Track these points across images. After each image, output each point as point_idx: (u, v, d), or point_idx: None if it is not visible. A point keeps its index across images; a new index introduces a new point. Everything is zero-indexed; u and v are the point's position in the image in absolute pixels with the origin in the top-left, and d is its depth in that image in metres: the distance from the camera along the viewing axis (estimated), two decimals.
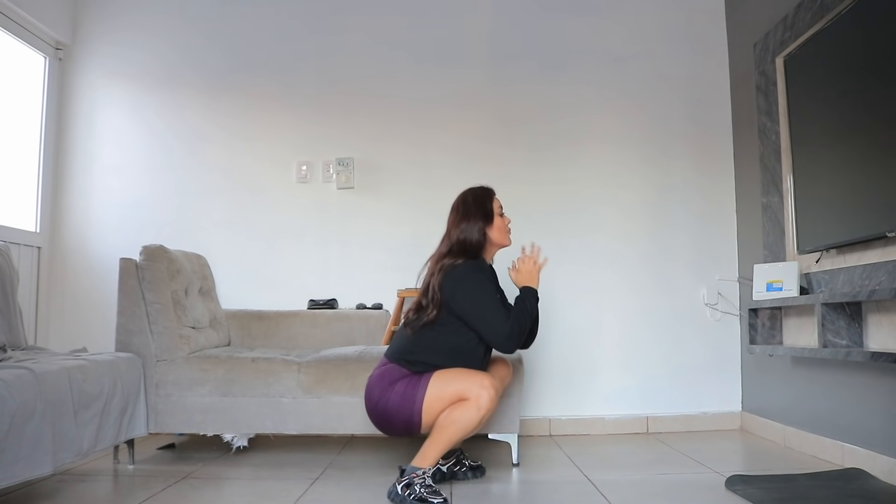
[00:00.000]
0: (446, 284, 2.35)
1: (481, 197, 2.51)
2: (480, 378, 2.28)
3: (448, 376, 2.31)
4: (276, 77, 3.84)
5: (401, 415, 2.31)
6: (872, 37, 2.42)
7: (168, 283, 2.94)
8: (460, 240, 2.43)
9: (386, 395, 2.33)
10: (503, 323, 2.32)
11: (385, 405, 2.33)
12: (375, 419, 2.41)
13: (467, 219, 2.46)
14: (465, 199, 2.52)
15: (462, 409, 2.26)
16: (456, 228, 2.46)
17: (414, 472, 2.27)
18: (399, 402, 2.31)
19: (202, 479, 2.60)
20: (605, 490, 2.40)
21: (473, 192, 2.54)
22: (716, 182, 3.70)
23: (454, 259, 2.39)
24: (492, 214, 2.48)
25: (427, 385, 2.30)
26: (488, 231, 2.46)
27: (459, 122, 3.77)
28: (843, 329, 2.52)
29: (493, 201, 2.51)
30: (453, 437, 2.28)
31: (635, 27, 3.79)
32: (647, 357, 3.61)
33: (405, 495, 2.22)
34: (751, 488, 2.30)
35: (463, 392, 2.26)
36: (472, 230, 2.44)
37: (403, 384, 2.32)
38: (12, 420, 1.98)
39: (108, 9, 3.92)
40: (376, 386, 2.37)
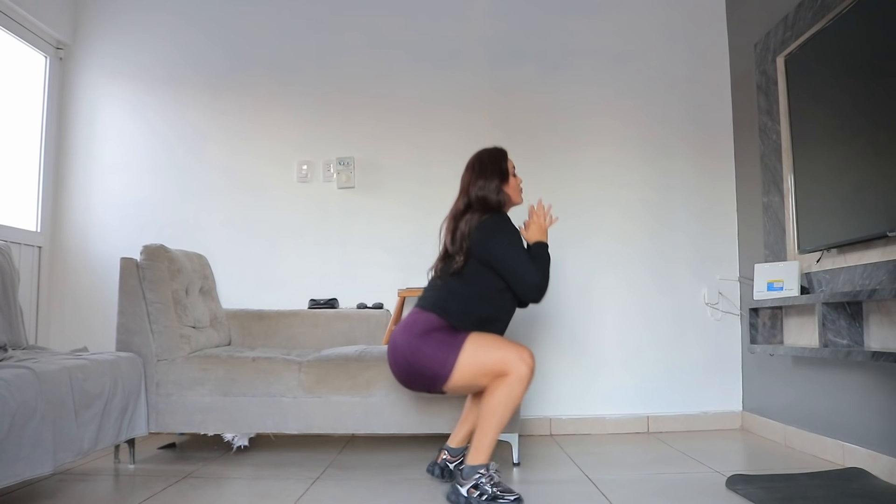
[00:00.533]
0: (479, 234, 2.35)
1: (496, 156, 2.54)
2: (519, 350, 2.26)
3: (487, 341, 2.29)
4: (276, 77, 3.84)
5: (432, 364, 2.26)
6: (873, 36, 2.42)
7: (169, 283, 2.95)
8: (479, 197, 2.45)
9: (419, 343, 2.29)
10: (534, 274, 2.35)
11: (416, 352, 2.29)
12: (400, 366, 2.36)
13: (484, 177, 2.47)
14: (481, 158, 2.54)
15: (504, 387, 2.22)
16: (473, 186, 2.47)
17: (477, 472, 2.21)
18: (433, 353, 2.26)
19: (203, 479, 2.60)
20: (605, 489, 2.40)
21: (488, 151, 2.56)
22: (716, 182, 3.70)
23: (478, 214, 2.40)
24: (507, 173, 2.51)
25: (463, 344, 2.26)
26: (505, 189, 2.48)
27: (460, 121, 3.77)
28: (843, 329, 2.51)
29: (507, 161, 2.54)
30: (503, 419, 2.23)
31: (635, 27, 3.79)
32: (648, 356, 3.61)
33: (475, 497, 2.18)
34: (751, 488, 2.29)
35: (501, 362, 2.23)
36: (490, 188, 2.45)
37: (440, 335, 2.29)
38: (13, 419, 1.98)
39: (108, 8, 3.92)
40: (407, 332, 2.33)
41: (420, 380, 2.34)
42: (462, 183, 2.53)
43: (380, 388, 2.81)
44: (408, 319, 2.39)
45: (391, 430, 2.83)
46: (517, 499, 2.19)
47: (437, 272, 2.47)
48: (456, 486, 2.24)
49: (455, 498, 2.22)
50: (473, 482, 2.21)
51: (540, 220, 2.53)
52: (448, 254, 2.43)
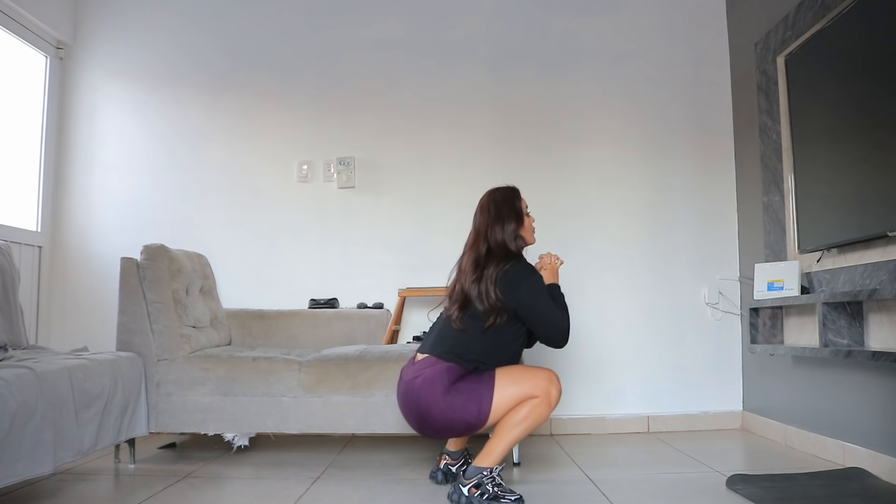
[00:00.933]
0: (508, 289, 2.30)
1: (510, 197, 2.49)
2: (547, 374, 2.26)
3: (514, 374, 2.27)
4: (277, 76, 3.84)
5: (464, 415, 2.22)
6: (873, 36, 2.42)
7: (169, 283, 2.95)
8: (499, 242, 2.41)
9: (449, 400, 2.22)
10: (562, 320, 2.33)
11: (445, 407, 2.22)
12: (425, 421, 2.29)
13: (500, 221, 2.43)
14: (495, 200, 2.48)
15: (532, 406, 2.21)
16: (491, 230, 2.42)
17: (481, 472, 2.22)
18: (464, 404, 2.21)
19: (203, 479, 2.60)
20: (605, 489, 2.40)
21: (501, 192, 2.51)
22: (717, 181, 3.70)
23: (500, 262, 2.35)
24: (522, 214, 2.48)
25: (493, 385, 2.23)
26: (521, 233, 2.46)
27: (460, 121, 3.77)
28: (844, 328, 2.51)
29: (521, 201, 2.51)
30: (522, 435, 2.24)
31: (635, 27, 3.79)
32: (648, 356, 3.61)
33: (475, 496, 2.19)
34: (752, 487, 2.29)
35: (533, 388, 2.22)
36: (508, 233, 2.42)
37: (466, 383, 2.24)
38: (13, 419, 1.98)
39: (109, 8, 3.92)
40: (431, 387, 2.24)
41: (456, 431, 2.30)
42: (477, 223, 2.47)
43: (380, 388, 2.81)
44: (427, 373, 2.28)
45: (391, 430, 2.82)
46: (518, 499, 2.20)
47: (455, 318, 2.35)
48: (458, 486, 2.24)
49: (457, 497, 2.22)
50: (476, 481, 2.21)
51: (552, 263, 2.52)
52: (468, 300, 2.35)
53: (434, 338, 2.40)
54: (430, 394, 2.24)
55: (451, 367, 2.27)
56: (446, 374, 2.25)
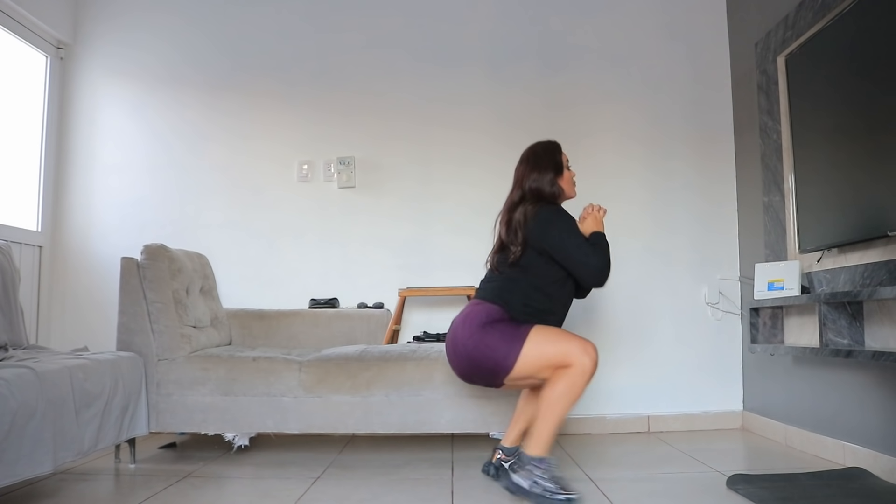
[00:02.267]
0: (535, 223, 2.33)
1: (550, 149, 2.54)
2: (583, 343, 2.24)
3: (551, 333, 2.28)
4: (277, 76, 3.84)
5: (495, 356, 2.24)
6: (873, 36, 2.42)
7: (169, 283, 2.95)
8: (533, 189, 2.45)
9: (481, 334, 2.27)
10: (595, 258, 2.33)
11: (478, 344, 2.27)
12: (461, 358, 2.34)
13: (538, 169, 2.47)
14: (536, 151, 2.54)
15: (566, 378, 2.20)
16: (527, 178, 2.47)
17: (533, 463, 2.21)
18: (495, 344, 2.24)
19: (203, 479, 2.60)
20: (606, 489, 2.40)
21: (542, 144, 2.56)
22: (717, 181, 3.70)
23: (531, 204, 2.39)
24: (561, 166, 2.51)
25: (527, 336, 2.24)
26: (559, 182, 2.48)
27: (460, 121, 3.77)
28: (844, 328, 2.51)
29: (561, 154, 2.54)
30: (564, 411, 2.23)
31: (636, 27, 3.79)
32: (649, 356, 3.61)
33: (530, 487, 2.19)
34: (752, 487, 2.29)
35: (565, 355, 2.21)
36: (545, 180, 2.45)
37: (503, 326, 2.28)
38: (13, 419, 1.98)
39: (109, 8, 3.92)
40: (468, 324, 2.31)
41: (481, 372, 2.32)
42: (516, 175, 2.53)
43: (380, 387, 2.81)
44: (467, 310, 2.37)
45: (391, 430, 2.83)
46: (573, 498, 2.18)
47: (493, 264, 2.46)
48: (512, 476, 2.25)
49: (514, 488, 2.23)
50: (530, 472, 2.21)
51: (595, 212, 2.54)
52: (503, 245, 2.43)
53: (482, 284, 2.48)
54: (466, 328, 2.32)
55: (494, 308, 2.32)
56: (486, 314, 2.31)
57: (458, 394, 2.81)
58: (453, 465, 2.83)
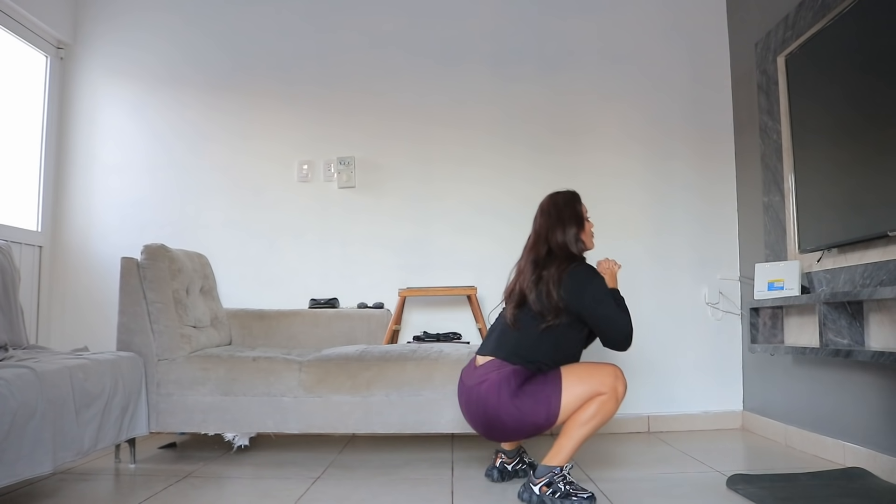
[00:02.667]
0: (571, 288, 2.30)
1: (571, 201, 2.50)
2: (613, 370, 2.27)
3: (580, 373, 2.27)
4: (277, 76, 3.84)
5: (533, 418, 2.23)
6: (873, 36, 2.42)
7: (169, 283, 2.95)
8: (560, 244, 2.41)
9: (514, 400, 2.23)
10: (626, 325, 2.32)
11: (514, 410, 2.24)
12: (493, 427, 2.31)
13: (562, 224, 2.44)
14: (556, 203, 2.50)
15: (600, 403, 2.22)
16: (552, 233, 2.43)
17: (552, 471, 2.22)
18: (532, 406, 2.23)
19: (203, 479, 2.60)
20: (606, 489, 2.40)
21: (562, 195, 2.53)
22: (717, 181, 3.70)
23: (561, 263, 2.35)
24: (583, 219, 2.49)
25: (561, 385, 2.23)
26: (582, 237, 2.46)
27: (460, 121, 3.77)
28: (844, 328, 2.51)
29: (581, 205, 2.51)
30: (591, 432, 2.25)
31: (636, 27, 3.79)
32: (649, 356, 3.61)
33: (547, 494, 2.20)
34: (752, 487, 2.29)
35: (601, 386, 2.23)
36: (570, 236, 2.42)
37: (534, 387, 2.25)
38: (13, 419, 1.98)
39: (109, 8, 3.92)
40: (499, 392, 2.25)
41: (524, 433, 2.31)
42: (537, 226, 2.49)
43: (380, 387, 2.81)
44: (492, 377, 2.29)
45: (391, 430, 2.83)
46: (590, 497, 2.20)
47: (511, 318, 2.38)
48: (528, 485, 2.25)
49: (528, 496, 2.23)
50: (547, 479, 2.22)
51: (611, 267, 2.51)
52: (524, 300, 2.36)
53: (495, 340, 2.41)
54: (497, 399, 2.26)
55: (516, 371, 2.28)
56: (513, 378, 2.26)
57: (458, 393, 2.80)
58: (453, 465, 2.83)
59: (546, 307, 2.30)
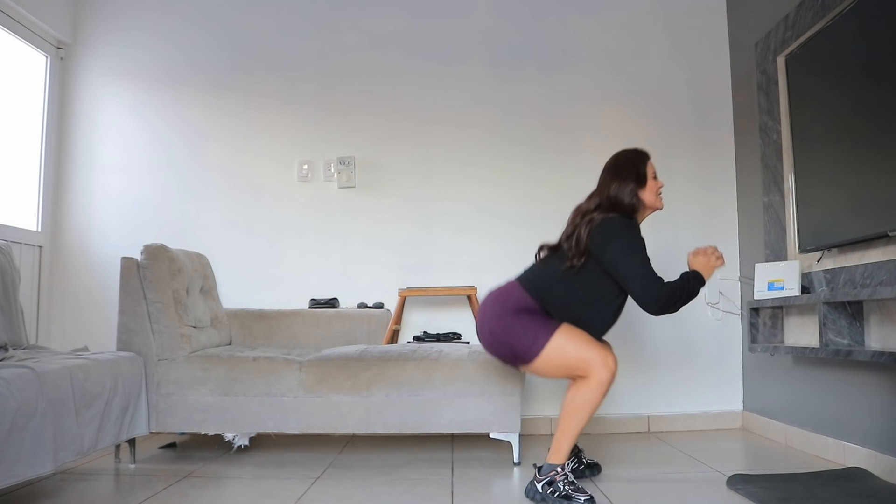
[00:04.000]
0: (598, 235, 2.30)
1: (634, 159, 2.50)
2: (604, 354, 2.28)
3: (576, 337, 2.28)
4: (277, 76, 3.84)
5: (520, 343, 2.28)
6: (873, 36, 2.42)
7: (169, 283, 2.95)
8: (611, 197, 2.41)
9: (510, 320, 2.29)
10: (656, 284, 2.28)
11: (507, 328, 2.30)
12: (485, 335, 2.38)
13: (619, 179, 2.44)
14: (619, 161, 2.51)
15: (584, 389, 2.25)
16: (607, 187, 2.44)
17: (553, 470, 2.24)
18: (523, 332, 2.27)
19: (203, 479, 2.60)
20: (606, 489, 2.40)
21: (627, 153, 2.53)
22: (717, 181, 3.70)
23: (604, 212, 2.37)
24: (645, 177, 2.47)
25: (554, 333, 2.25)
26: (640, 194, 2.45)
27: (460, 121, 3.77)
28: (844, 328, 2.51)
29: (646, 164, 2.50)
30: (583, 422, 2.27)
31: (636, 27, 3.79)
32: (649, 356, 3.61)
33: (548, 493, 2.21)
34: (752, 487, 2.29)
35: (585, 362, 2.25)
36: (625, 191, 2.42)
37: (532, 318, 2.29)
38: (14, 419, 1.98)
39: (109, 8, 3.92)
40: (500, 305, 2.33)
41: (503, 351, 2.36)
42: (599, 183, 2.50)
43: (380, 387, 2.81)
44: (504, 288, 2.39)
45: (391, 430, 2.83)
46: (588, 499, 2.20)
47: (546, 256, 2.45)
48: (533, 482, 2.27)
49: (532, 493, 2.25)
50: (549, 478, 2.24)
51: (710, 257, 2.43)
52: (560, 245, 2.42)
53: (523, 270, 2.47)
54: (495, 308, 2.34)
55: (526, 297, 2.32)
56: (519, 300, 2.32)
57: (458, 394, 2.81)
58: (453, 465, 2.83)
59: (574, 250, 2.33)
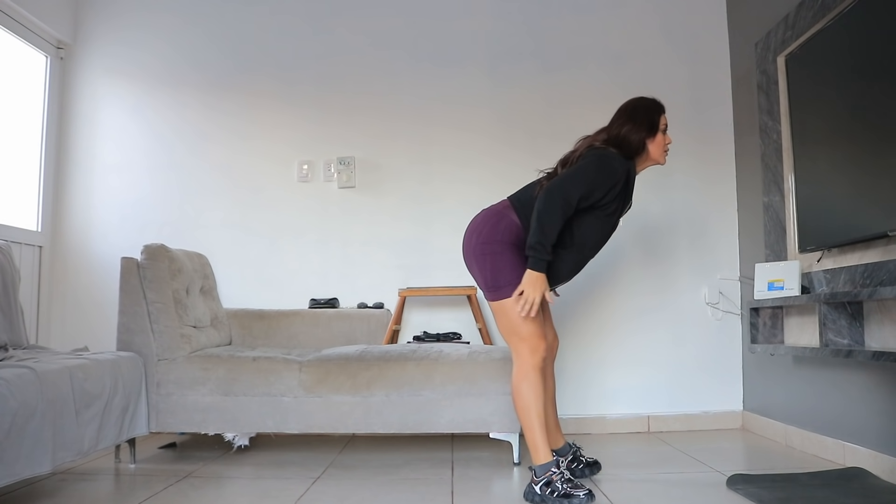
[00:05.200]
0: (585, 158, 2.37)
1: (651, 107, 2.51)
2: (537, 342, 2.31)
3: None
4: (277, 76, 3.84)
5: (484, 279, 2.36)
6: (873, 36, 2.42)
7: (169, 283, 2.95)
8: (620, 136, 2.44)
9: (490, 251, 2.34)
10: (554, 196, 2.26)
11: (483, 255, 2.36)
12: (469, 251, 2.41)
13: (633, 122, 2.45)
14: (636, 106, 2.51)
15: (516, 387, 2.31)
16: (620, 127, 2.46)
17: (549, 470, 2.24)
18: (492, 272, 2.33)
19: (203, 479, 2.60)
20: (606, 489, 2.40)
21: (645, 100, 2.53)
22: (717, 181, 3.70)
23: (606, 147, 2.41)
24: (657, 128, 2.47)
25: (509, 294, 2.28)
26: (648, 142, 2.46)
27: (460, 120, 3.77)
28: (844, 328, 2.51)
29: (661, 116, 2.50)
30: (533, 416, 2.28)
31: (635, 27, 3.79)
32: (649, 356, 3.61)
33: (546, 494, 2.21)
34: (752, 487, 2.29)
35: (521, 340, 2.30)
36: (634, 135, 2.44)
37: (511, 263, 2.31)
38: (13, 419, 1.98)
39: (109, 8, 3.92)
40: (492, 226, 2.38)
41: (475, 273, 2.42)
42: (610, 121, 2.53)
43: (380, 387, 2.81)
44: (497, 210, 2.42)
45: (391, 430, 2.83)
46: (588, 494, 2.21)
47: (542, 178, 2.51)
48: (531, 485, 2.27)
49: (531, 496, 2.25)
50: (546, 479, 2.23)
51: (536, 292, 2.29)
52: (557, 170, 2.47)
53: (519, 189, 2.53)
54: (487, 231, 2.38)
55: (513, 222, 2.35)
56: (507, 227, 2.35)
57: (458, 394, 2.81)
58: (453, 465, 2.83)
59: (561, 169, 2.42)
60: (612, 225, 2.49)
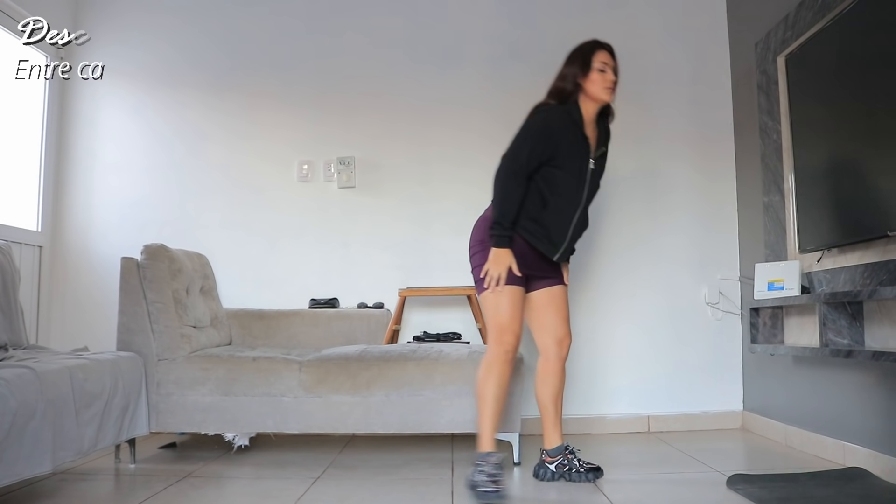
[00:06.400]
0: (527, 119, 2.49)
1: (584, 48, 2.53)
2: (505, 334, 2.39)
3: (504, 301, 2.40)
4: (277, 76, 3.84)
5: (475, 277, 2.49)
6: (873, 36, 2.42)
7: (169, 283, 2.95)
8: (555, 85, 2.53)
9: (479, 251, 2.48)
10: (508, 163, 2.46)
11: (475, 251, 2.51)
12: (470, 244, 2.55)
13: (565, 66, 2.52)
14: (572, 51, 2.56)
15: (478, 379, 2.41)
16: (556, 77, 2.53)
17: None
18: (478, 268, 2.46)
19: (203, 479, 2.61)
20: (606, 489, 2.40)
21: (581, 44, 2.56)
22: (717, 181, 3.70)
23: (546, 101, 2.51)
24: (589, 66, 2.48)
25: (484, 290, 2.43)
26: (581, 81, 2.48)
27: (460, 120, 3.77)
28: (844, 328, 2.51)
29: (594, 54, 2.50)
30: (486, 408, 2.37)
31: (636, 27, 3.78)
32: (649, 356, 3.61)
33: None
34: (752, 487, 2.29)
35: (492, 331, 2.42)
36: (567, 78, 2.49)
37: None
38: (13, 419, 1.98)
39: (109, 8, 3.92)
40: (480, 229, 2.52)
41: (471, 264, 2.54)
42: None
43: (380, 387, 2.81)
44: (487, 213, 2.54)
45: (391, 430, 2.83)
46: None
47: None
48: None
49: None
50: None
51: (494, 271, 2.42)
52: None
53: None
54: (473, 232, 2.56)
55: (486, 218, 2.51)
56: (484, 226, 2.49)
57: (458, 394, 2.81)
58: (453, 465, 2.83)
59: None
60: (583, 174, 2.50)
